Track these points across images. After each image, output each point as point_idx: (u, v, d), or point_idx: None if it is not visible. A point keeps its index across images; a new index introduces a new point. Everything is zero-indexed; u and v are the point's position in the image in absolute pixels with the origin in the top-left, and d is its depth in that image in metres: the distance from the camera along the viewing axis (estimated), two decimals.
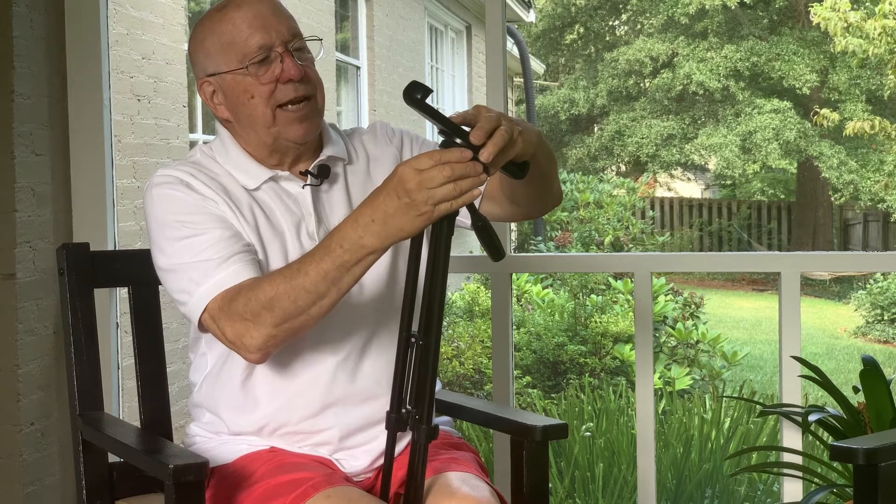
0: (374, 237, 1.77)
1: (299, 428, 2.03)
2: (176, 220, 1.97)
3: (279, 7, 2.05)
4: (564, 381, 7.38)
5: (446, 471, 1.99)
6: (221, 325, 1.91)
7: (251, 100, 2.01)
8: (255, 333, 1.87)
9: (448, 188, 1.72)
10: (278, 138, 2.03)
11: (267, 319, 1.86)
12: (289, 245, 2.03)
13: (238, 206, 2.01)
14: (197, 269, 1.94)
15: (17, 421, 2.89)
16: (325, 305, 1.85)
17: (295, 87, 2.01)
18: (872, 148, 16.02)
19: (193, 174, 2.02)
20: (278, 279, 1.85)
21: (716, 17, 16.79)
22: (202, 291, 1.93)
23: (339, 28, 9.02)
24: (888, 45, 12.85)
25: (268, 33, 2.00)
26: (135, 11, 5.24)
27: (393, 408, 1.82)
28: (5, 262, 2.87)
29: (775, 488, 4.77)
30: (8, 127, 2.87)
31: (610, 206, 11.66)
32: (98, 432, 2.19)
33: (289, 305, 1.84)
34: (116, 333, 3.15)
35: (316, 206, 2.06)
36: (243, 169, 2.05)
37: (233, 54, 2.01)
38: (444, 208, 1.73)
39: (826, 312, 12.84)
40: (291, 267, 1.86)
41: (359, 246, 1.79)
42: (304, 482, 1.90)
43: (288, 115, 2.01)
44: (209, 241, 1.94)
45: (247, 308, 1.87)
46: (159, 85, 5.51)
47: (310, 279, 1.82)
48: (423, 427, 1.80)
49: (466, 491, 1.93)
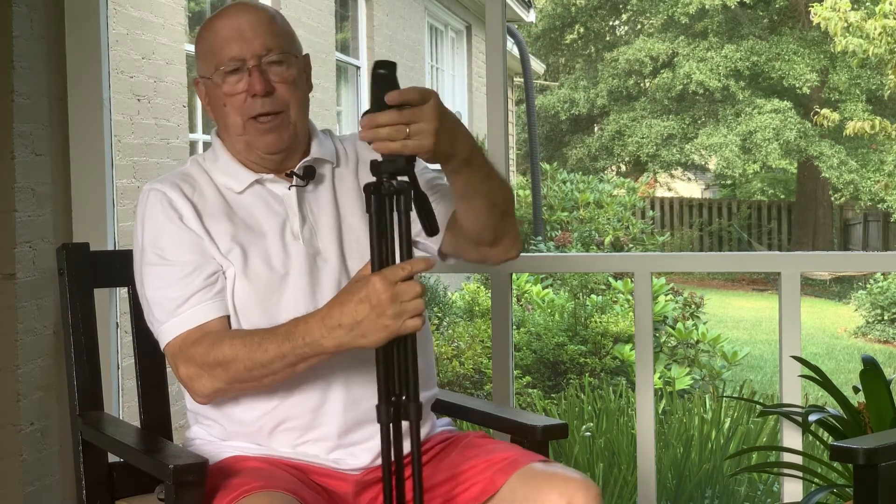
0: (333, 342, 1.84)
1: (298, 424, 2.04)
2: (150, 244, 2.05)
3: (263, 21, 2.08)
4: (564, 381, 7.38)
5: (521, 464, 2.01)
6: (177, 363, 2.01)
7: (224, 107, 2.08)
8: (206, 383, 1.97)
9: (419, 303, 1.76)
10: (249, 146, 2.08)
11: (220, 375, 1.95)
12: (270, 246, 2.06)
13: (216, 217, 2.06)
14: (160, 306, 2.03)
15: (17, 421, 2.89)
16: (277, 379, 1.95)
17: (262, 102, 2.05)
18: (872, 148, 16.02)
19: (181, 186, 2.08)
20: (239, 344, 1.93)
21: (716, 17, 16.80)
22: (163, 330, 2.03)
23: (339, 28, 9.02)
24: (888, 45, 12.85)
25: (241, 46, 2.05)
26: (135, 11, 5.24)
27: (382, 400, 1.80)
28: (5, 262, 2.87)
29: (775, 488, 4.77)
30: (8, 127, 2.87)
31: (610, 206, 11.66)
32: (98, 432, 2.19)
33: (243, 371, 1.93)
34: (116, 333, 3.15)
35: (301, 206, 2.09)
36: (230, 173, 2.11)
37: (211, 62, 2.08)
38: (413, 324, 1.77)
39: (826, 312, 12.84)
40: (254, 337, 1.93)
41: (319, 345, 1.86)
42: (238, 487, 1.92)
43: (257, 127, 2.06)
44: (172, 278, 2.02)
45: (204, 359, 1.96)
46: (159, 85, 5.51)
47: (268, 356, 1.90)
48: (411, 405, 1.79)
49: (572, 474, 1.99)
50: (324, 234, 2.08)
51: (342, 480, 2.05)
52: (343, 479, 2.05)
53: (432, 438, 2.16)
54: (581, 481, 1.97)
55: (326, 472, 2.05)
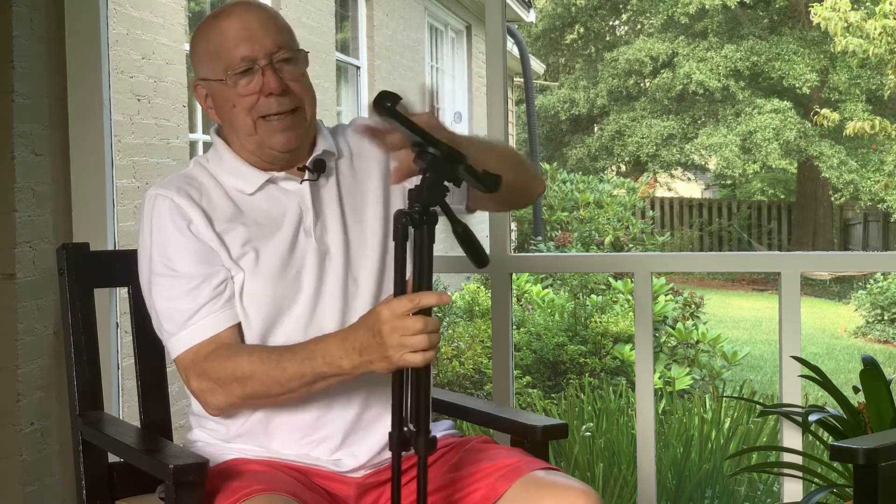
0: (350, 363, 1.84)
1: (301, 425, 2.03)
2: (159, 253, 2.03)
3: (270, 18, 2.06)
4: (564, 381, 7.38)
5: (524, 472, 2.00)
6: (189, 376, 2.00)
7: (233, 108, 2.04)
8: (220, 398, 1.96)
9: (421, 338, 1.75)
10: (262, 146, 2.05)
11: (236, 391, 1.94)
12: (283, 244, 2.04)
13: (228, 222, 2.03)
14: (169, 318, 2.01)
15: (17, 421, 2.89)
16: (293, 398, 1.95)
17: (277, 101, 2.03)
18: (872, 148, 16.01)
19: (188, 191, 2.04)
20: (257, 361, 1.92)
21: (716, 17, 16.79)
22: (174, 342, 2.02)
23: (339, 28, 9.01)
24: (888, 45, 12.85)
25: (252, 45, 2.02)
26: (135, 11, 5.23)
27: (395, 427, 1.82)
28: (5, 262, 2.87)
29: (775, 488, 4.77)
30: (8, 127, 2.87)
31: (610, 206, 11.66)
32: (98, 432, 2.19)
33: (259, 388, 1.92)
34: (116, 333, 3.15)
35: (314, 201, 2.08)
36: (239, 174, 2.08)
37: (218, 63, 2.04)
38: (412, 359, 1.76)
39: (826, 312, 12.84)
40: (273, 355, 1.92)
41: (337, 366, 1.86)
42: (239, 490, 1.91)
43: (271, 125, 2.04)
44: (181, 290, 2.00)
45: (219, 374, 1.95)
46: (159, 85, 5.51)
47: (286, 375, 1.90)
48: (420, 438, 1.80)
49: (573, 483, 1.99)
50: (332, 230, 2.07)
51: (344, 483, 2.05)
52: (345, 482, 2.05)
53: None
54: (582, 490, 1.96)
55: (328, 474, 2.05)
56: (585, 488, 1.98)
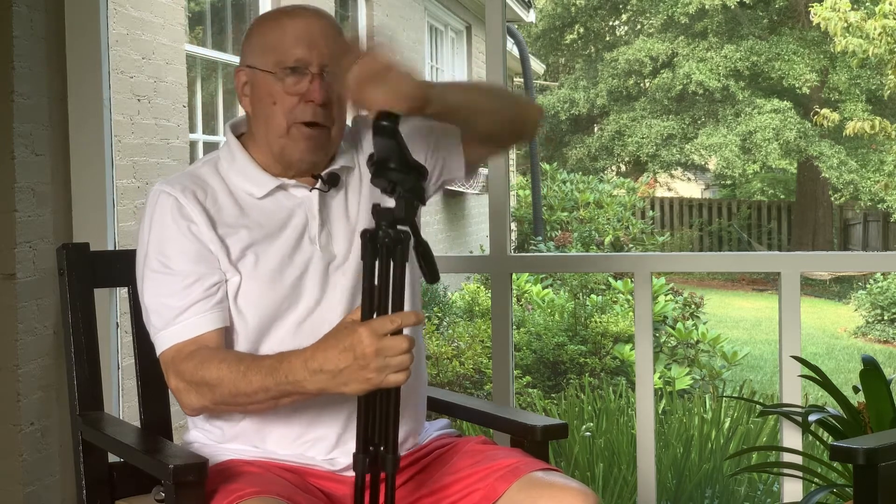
0: (314, 386, 1.83)
1: (297, 424, 2.03)
2: (155, 250, 2.03)
3: (332, 31, 2.05)
4: (564, 381, 7.38)
5: (522, 472, 2.00)
6: (168, 374, 2.01)
7: (273, 105, 2.03)
8: (194, 399, 1.97)
9: (404, 358, 1.75)
10: (284, 150, 2.05)
11: (206, 395, 1.95)
12: (286, 250, 2.04)
13: (231, 225, 2.03)
14: (158, 313, 2.02)
15: (17, 421, 2.89)
16: (260, 408, 1.95)
17: (314, 110, 2.02)
18: (872, 148, 16.01)
19: (193, 191, 2.04)
20: (225, 369, 1.91)
21: (716, 17, 16.79)
22: (159, 337, 2.02)
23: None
24: (888, 45, 12.85)
25: (309, 50, 2.02)
26: (135, 11, 5.24)
27: (359, 448, 1.81)
28: (5, 262, 2.87)
29: (775, 488, 4.77)
30: (8, 127, 2.87)
31: (610, 206, 11.67)
32: (98, 432, 2.19)
33: (227, 396, 1.93)
34: (116, 333, 3.15)
35: (321, 210, 2.07)
36: (250, 178, 2.07)
37: (271, 57, 2.03)
38: (395, 379, 1.76)
39: (826, 312, 12.84)
40: (241, 365, 1.91)
41: (300, 386, 1.85)
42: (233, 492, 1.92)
43: (301, 132, 2.03)
44: (174, 287, 2.00)
45: (193, 375, 1.95)
46: (159, 85, 5.51)
47: (251, 387, 1.89)
48: (389, 456, 1.80)
49: (571, 484, 1.98)
50: (338, 239, 2.07)
51: (340, 483, 2.04)
52: (341, 482, 2.04)
53: (430, 443, 2.16)
54: (580, 491, 1.96)
55: (324, 474, 2.05)
56: (584, 489, 1.98)
